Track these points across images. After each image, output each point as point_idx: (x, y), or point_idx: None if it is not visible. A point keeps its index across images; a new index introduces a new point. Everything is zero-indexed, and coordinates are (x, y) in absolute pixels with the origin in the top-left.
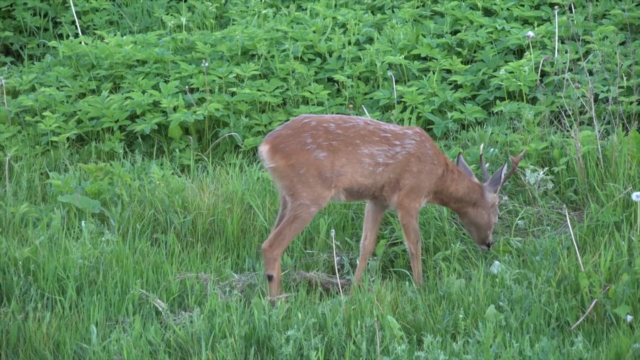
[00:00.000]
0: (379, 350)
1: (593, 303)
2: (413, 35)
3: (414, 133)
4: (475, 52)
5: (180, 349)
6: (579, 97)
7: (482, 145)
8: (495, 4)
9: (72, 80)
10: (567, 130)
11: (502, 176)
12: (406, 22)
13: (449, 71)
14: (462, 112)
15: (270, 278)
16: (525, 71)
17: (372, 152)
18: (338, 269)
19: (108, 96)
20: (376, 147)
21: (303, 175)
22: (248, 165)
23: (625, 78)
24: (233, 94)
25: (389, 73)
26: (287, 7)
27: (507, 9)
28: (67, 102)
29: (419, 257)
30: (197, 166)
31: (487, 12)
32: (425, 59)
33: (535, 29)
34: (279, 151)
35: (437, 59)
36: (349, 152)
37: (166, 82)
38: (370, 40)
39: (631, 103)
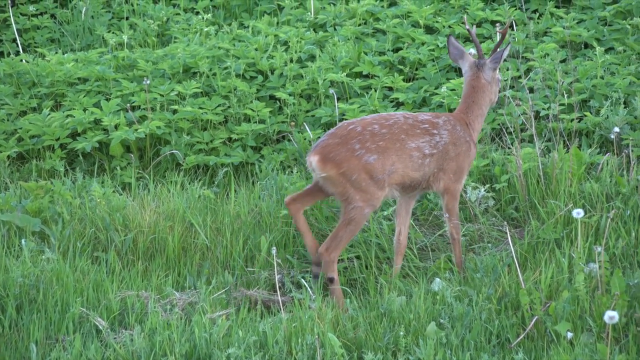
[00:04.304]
0: None
1: (534, 320)
2: (355, 53)
3: (444, 122)
4: (416, 69)
5: None
6: (520, 115)
7: (465, 17)
8: (436, 22)
9: (12, 98)
10: (508, 148)
11: (503, 53)
12: (348, 39)
13: (390, 89)
14: None
15: (331, 280)
16: None
17: (419, 145)
18: (279, 287)
19: (49, 114)
20: (421, 140)
21: (355, 180)
22: (189, 183)
23: (566, 95)
24: (175, 111)
25: (331, 91)
26: (229, 24)
27: (449, 26)
28: (8, 120)
29: (460, 242)
30: (138, 184)
31: (429, 30)
32: (367, 76)
33: None
34: (329, 160)
35: (378, 77)
36: (398, 148)
37: (107, 100)
38: (312, 57)
39: (572, 120)
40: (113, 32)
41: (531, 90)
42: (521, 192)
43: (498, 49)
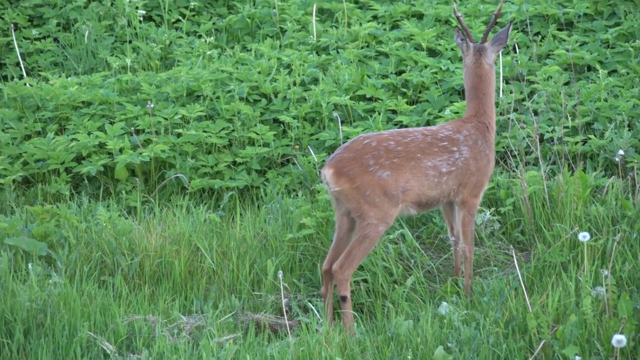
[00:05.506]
0: None
1: (541, 344)
2: (358, 76)
3: (464, 138)
4: (420, 92)
5: None
6: (524, 138)
7: (454, 5)
8: (439, 45)
9: (17, 122)
10: (513, 171)
11: (507, 34)
12: (351, 62)
13: (394, 111)
14: None
15: (344, 299)
16: None
17: (435, 163)
18: (286, 311)
19: (53, 138)
20: (438, 158)
21: (369, 196)
22: (195, 207)
23: (570, 118)
24: (179, 135)
25: (335, 114)
26: (232, 48)
27: (452, 49)
28: (13, 144)
29: (472, 262)
30: (143, 208)
31: (432, 53)
32: (370, 99)
33: None
34: (343, 175)
35: (382, 100)
36: (412, 167)
37: (112, 123)
38: (315, 80)
39: (576, 143)
40: (116, 56)
41: (535, 113)
42: (527, 215)
43: (494, 32)
